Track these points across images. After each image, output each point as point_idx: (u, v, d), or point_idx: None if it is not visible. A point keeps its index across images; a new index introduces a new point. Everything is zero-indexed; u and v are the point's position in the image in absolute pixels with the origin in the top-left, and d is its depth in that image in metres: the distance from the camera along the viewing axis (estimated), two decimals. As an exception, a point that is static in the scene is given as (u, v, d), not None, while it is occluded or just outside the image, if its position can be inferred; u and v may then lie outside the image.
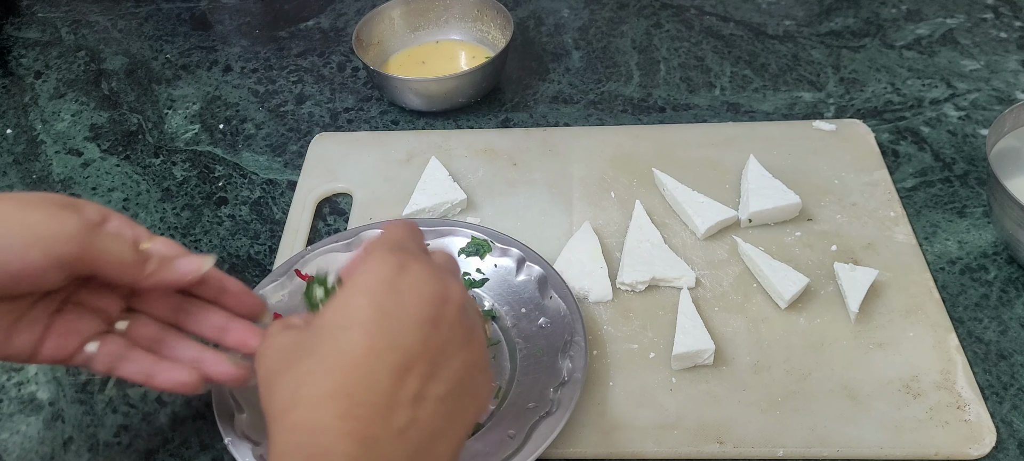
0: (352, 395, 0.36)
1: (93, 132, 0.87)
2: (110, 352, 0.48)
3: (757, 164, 0.73)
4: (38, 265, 0.41)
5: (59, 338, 0.46)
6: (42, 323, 0.46)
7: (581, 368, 0.57)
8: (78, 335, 0.47)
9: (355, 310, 0.38)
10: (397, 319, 0.38)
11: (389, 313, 0.38)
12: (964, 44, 0.91)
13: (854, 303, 0.62)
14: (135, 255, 0.46)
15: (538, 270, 0.64)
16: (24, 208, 0.42)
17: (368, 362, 0.37)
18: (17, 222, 0.41)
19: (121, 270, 0.45)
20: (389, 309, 0.38)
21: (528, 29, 0.98)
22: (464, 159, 0.79)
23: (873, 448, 0.55)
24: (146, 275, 0.46)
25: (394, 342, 0.38)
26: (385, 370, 0.37)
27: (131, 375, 0.48)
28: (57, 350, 0.46)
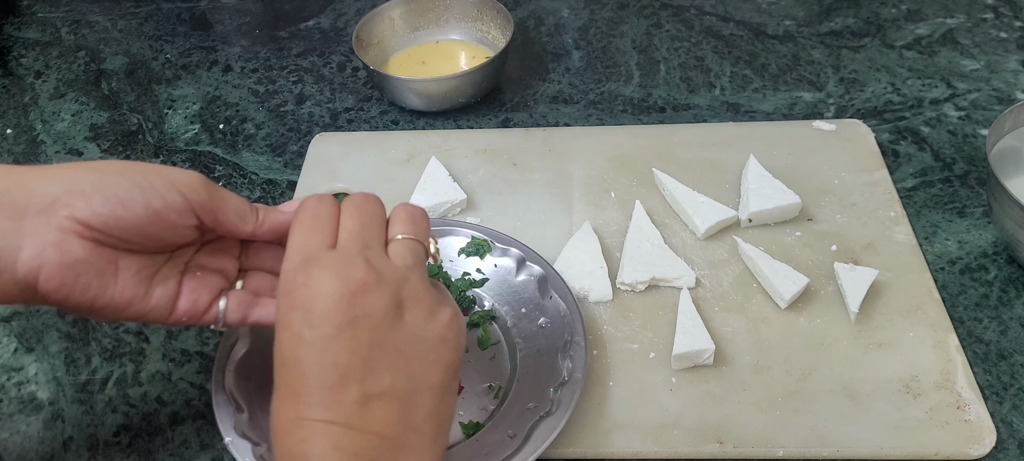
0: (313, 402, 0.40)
1: (93, 132, 0.87)
2: (239, 303, 0.51)
3: (757, 164, 0.73)
4: (179, 205, 0.45)
5: (191, 295, 0.49)
6: (175, 280, 0.49)
7: (581, 368, 0.57)
8: (208, 291, 0.50)
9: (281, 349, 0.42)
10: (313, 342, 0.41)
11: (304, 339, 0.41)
12: (964, 44, 0.91)
13: (854, 303, 0.62)
14: (248, 206, 0.49)
15: (538, 270, 0.64)
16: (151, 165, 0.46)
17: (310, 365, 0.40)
18: (154, 172, 0.45)
19: (239, 218, 0.49)
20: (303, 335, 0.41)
21: (528, 29, 0.98)
22: (464, 159, 0.79)
23: (873, 448, 0.55)
24: (259, 222, 0.49)
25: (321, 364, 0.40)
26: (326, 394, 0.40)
27: (263, 318, 0.51)
28: (192, 306, 0.49)
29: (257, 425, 0.56)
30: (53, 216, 0.43)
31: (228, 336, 0.60)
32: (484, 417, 0.57)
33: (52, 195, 0.43)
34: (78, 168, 0.45)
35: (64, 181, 0.44)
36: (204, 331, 0.66)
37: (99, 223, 0.44)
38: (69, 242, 0.43)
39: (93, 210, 0.43)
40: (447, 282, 0.65)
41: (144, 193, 0.44)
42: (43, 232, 0.43)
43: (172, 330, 0.66)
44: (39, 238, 0.43)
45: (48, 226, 0.43)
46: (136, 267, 0.47)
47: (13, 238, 0.43)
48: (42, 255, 0.43)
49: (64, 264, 0.43)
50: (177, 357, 0.65)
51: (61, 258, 0.43)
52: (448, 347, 0.44)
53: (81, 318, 0.68)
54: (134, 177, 0.45)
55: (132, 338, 0.66)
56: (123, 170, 0.45)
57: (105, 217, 0.44)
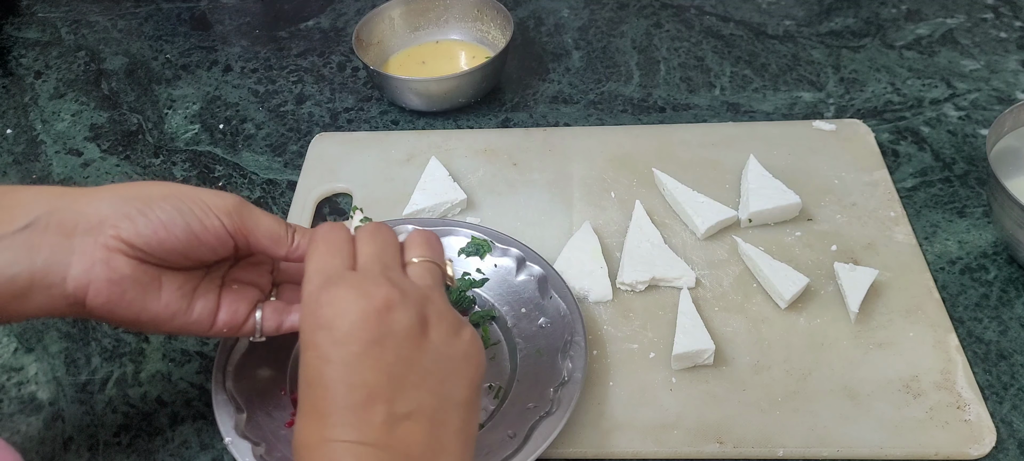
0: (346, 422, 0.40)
1: (93, 132, 0.87)
2: (274, 311, 0.53)
3: (757, 164, 0.73)
4: (217, 229, 0.48)
5: (230, 306, 0.51)
6: (214, 294, 0.51)
7: (581, 368, 0.57)
8: (247, 303, 0.52)
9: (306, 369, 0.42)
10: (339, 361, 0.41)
11: (330, 359, 0.41)
12: (964, 44, 0.91)
13: (854, 303, 0.62)
14: (284, 229, 0.51)
15: (538, 270, 0.64)
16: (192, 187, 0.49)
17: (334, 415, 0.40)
18: (195, 196, 0.48)
19: (274, 242, 0.50)
20: (329, 354, 0.41)
21: (528, 29, 0.98)
22: (464, 159, 0.79)
23: (873, 448, 0.55)
24: (293, 247, 0.51)
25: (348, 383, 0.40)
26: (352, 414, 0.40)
27: (294, 325, 0.53)
28: (231, 317, 0.51)
29: (257, 425, 0.56)
30: (100, 235, 0.46)
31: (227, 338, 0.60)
32: (484, 417, 0.57)
33: (100, 216, 0.46)
34: (124, 190, 0.47)
35: (111, 202, 0.46)
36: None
37: (143, 243, 0.46)
38: (115, 260, 0.46)
39: (138, 231, 0.46)
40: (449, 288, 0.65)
41: (185, 217, 0.47)
42: (91, 250, 0.46)
43: (172, 330, 0.66)
44: (87, 256, 0.46)
45: (96, 244, 0.46)
46: (178, 283, 0.49)
47: (63, 255, 0.45)
48: (90, 271, 0.46)
49: (111, 280, 0.46)
50: (177, 357, 0.65)
51: (108, 275, 0.46)
52: (472, 364, 0.44)
53: (81, 319, 0.68)
54: (176, 202, 0.47)
55: (132, 338, 0.66)
56: (166, 194, 0.47)
57: (149, 238, 0.46)
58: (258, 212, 0.50)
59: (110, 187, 0.48)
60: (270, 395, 0.58)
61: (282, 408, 0.58)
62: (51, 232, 0.45)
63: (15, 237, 0.44)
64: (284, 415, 0.57)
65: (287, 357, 0.61)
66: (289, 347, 0.62)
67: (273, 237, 0.50)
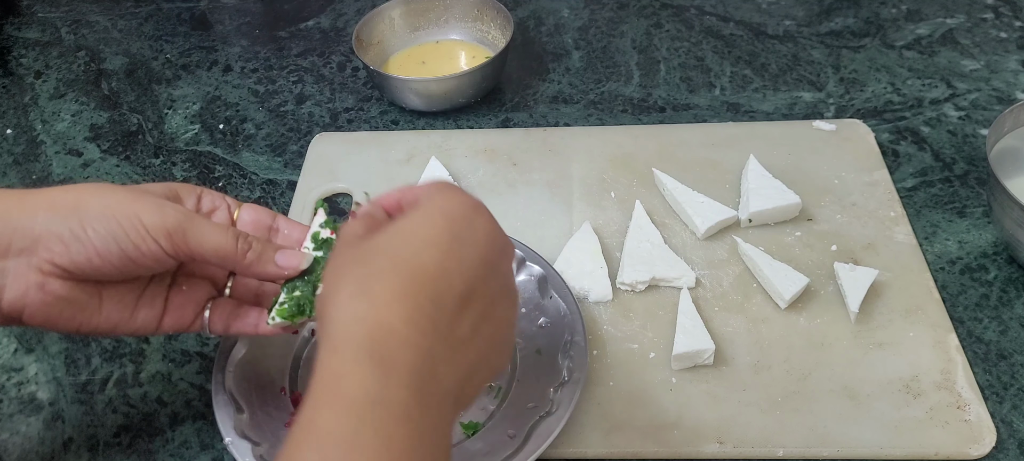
0: (420, 306, 0.37)
1: (93, 132, 0.87)
2: (221, 314, 0.51)
3: (757, 164, 0.73)
4: (155, 252, 0.46)
5: (177, 310, 0.50)
6: (161, 297, 0.50)
7: (581, 368, 0.57)
8: (194, 304, 0.51)
9: (434, 229, 0.39)
10: (468, 251, 0.39)
11: (464, 243, 0.39)
12: (964, 44, 0.91)
13: (854, 303, 0.62)
14: (234, 244, 0.48)
15: (538, 270, 0.64)
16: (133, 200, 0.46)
17: (438, 281, 0.38)
18: (132, 217, 0.45)
19: (221, 259, 0.48)
20: (464, 239, 0.39)
21: (528, 29, 0.98)
22: (464, 159, 0.78)
23: (873, 448, 0.55)
24: (246, 265, 0.48)
25: (462, 270, 0.39)
26: (451, 294, 0.38)
27: (242, 329, 0.52)
28: (177, 321, 0.50)
29: (257, 425, 0.56)
30: (34, 256, 0.44)
31: (228, 336, 0.60)
32: (484, 417, 0.57)
33: (33, 235, 0.44)
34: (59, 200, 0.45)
35: (45, 220, 0.44)
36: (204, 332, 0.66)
37: (76, 269, 0.45)
38: (50, 283, 0.45)
39: (71, 259, 0.44)
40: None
41: (119, 242, 0.45)
42: (24, 272, 0.44)
43: (172, 330, 0.66)
44: (21, 278, 0.44)
45: (29, 267, 0.44)
46: (119, 295, 0.48)
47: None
48: (25, 296, 0.45)
49: (46, 302, 0.45)
50: (177, 357, 0.65)
51: (43, 298, 0.45)
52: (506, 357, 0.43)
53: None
54: (110, 223, 0.45)
55: (132, 338, 0.66)
56: (102, 212, 0.45)
57: (82, 265, 0.45)
58: (205, 227, 0.47)
59: (49, 195, 0.45)
60: (270, 395, 0.58)
61: (282, 408, 0.58)
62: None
63: None
64: (284, 415, 0.57)
65: (287, 357, 0.61)
66: (289, 347, 0.62)
67: (221, 255, 0.47)
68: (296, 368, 0.61)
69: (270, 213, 0.53)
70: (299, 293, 0.49)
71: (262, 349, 0.61)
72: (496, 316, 0.41)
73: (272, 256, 0.49)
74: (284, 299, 0.49)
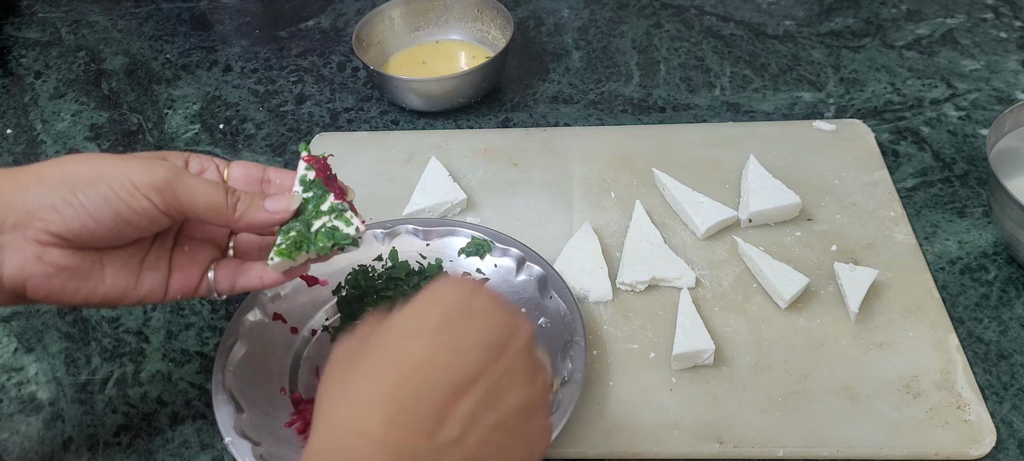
0: (401, 402, 0.36)
1: (93, 132, 0.87)
2: (226, 273, 0.51)
3: (757, 164, 0.73)
4: (147, 209, 0.46)
5: (182, 272, 0.50)
6: (165, 261, 0.50)
7: (581, 368, 0.57)
8: (199, 265, 0.51)
9: (424, 319, 0.39)
10: (463, 336, 0.38)
11: (457, 329, 0.38)
12: (964, 44, 0.91)
13: (854, 303, 0.62)
14: (224, 198, 0.48)
15: (538, 270, 0.64)
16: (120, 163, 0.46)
17: (424, 372, 0.37)
18: (120, 177, 0.45)
19: (213, 213, 0.48)
20: (457, 325, 0.38)
21: (528, 29, 0.98)
22: (464, 159, 0.78)
23: (873, 448, 0.55)
24: (237, 217, 0.49)
25: (455, 358, 0.37)
26: (440, 385, 0.37)
27: (248, 284, 0.51)
28: (184, 284, 0.50)
29: (257, 425, 0.56)
30: (29, 229, 0.44)
31: (228, 336, 0.60)
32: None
33: (26, 208, 0.44)
34: (50, 172, 0.45)
35: (37, 192, 0.44)
36: (204, 331, 0.66)
37: (71, 235, 0.45)
38: (49, 253, 0.45)
39: (66, 225, 0.44)
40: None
41: (111, 204, 0.45)
42: (22, 245, 0.45)
43: (172, 330, 0.66)
44: (19, 252, 0.45)
45: (26, 239, 0.44)
46: (121, 261, 0.48)
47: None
48: (25, 268, 0.45)
49: (48, 274, 0.45)
50: (177, 357, 0.65)
51: (44, 270, 0.45)
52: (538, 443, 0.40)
53: (81, 319, 0.68)
54: (100, 186, 0.45)
55: (132, 338, 0.66)
56: (91, 177, 0.45)
57: (78, 230, 0.45)
58: (194, 182, 0.47)
59: (37, 170, 0.45)
60: (270, 395, 0.58)
61: (282, 408, 0.58)
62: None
63: None
64: (284, 415, 0.57)
65: (287, 357, 0.61)
66: (289, 347, 0.62)
67: (211, 208, 0.48)
68: (296, 368, 0.61)
69: (260, 167, 0.53)
70: (294, 233, 0.50)
71: (262, 349, 0.61)
72: (505, 403, 0.38)
73: (261, 203, 0.49)
74: (280, 240, 0.50)
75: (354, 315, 0.64)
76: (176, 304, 0.68)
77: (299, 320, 0.64)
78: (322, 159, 0.54)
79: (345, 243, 0.50)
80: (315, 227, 0.51)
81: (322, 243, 0.50)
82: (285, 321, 0.63)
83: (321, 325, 0.64)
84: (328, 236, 0.50)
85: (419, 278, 0.66)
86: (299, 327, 0.63)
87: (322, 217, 0.51)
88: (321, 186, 0.52)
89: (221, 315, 0.68)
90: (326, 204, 0.51)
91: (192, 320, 0.67)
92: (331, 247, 0.50)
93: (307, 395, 0.59)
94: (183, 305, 0.68)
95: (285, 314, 0.63)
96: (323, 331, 0.64)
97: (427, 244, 0.68)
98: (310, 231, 0.50)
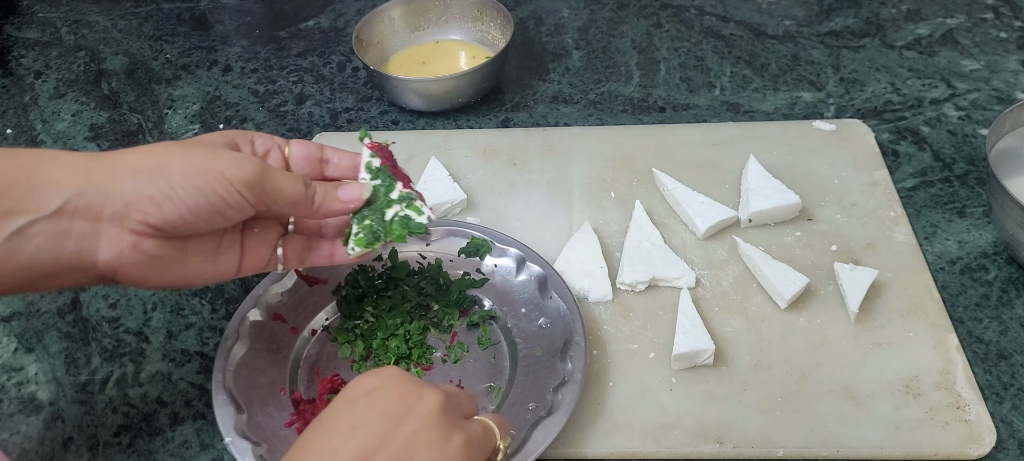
0: None
1: (93, 132, 0.87)
2: (294, 250, 0.55)
3: (757, 164, 0.73)
4: (239, 203, 0.48)
5: (254, 252, 0.53)
6: (238, 242, 0.52)
7: (581, 368, 0.57)
8: (268, 244, 0.54)
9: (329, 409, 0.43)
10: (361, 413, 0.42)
11: (356, 408, 0.42)
12: (964, 44, 0.91)
13: (854, 303, 0.62)
14: (305, 191, 0.51)
15: (538, 270, 0.64)
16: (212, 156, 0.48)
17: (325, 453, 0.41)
18: (216, 172, 0.47)
19: (294, 206, 0.51)
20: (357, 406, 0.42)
21: (528, 29, 0.98)
22: (464, 159, 0.79)
23: (873, 448, 0.55)
24: (315, 209, 0.52)
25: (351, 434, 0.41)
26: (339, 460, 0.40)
27: (317, 260, 0.55)
28: (255, 262, 0.53)
29: (257, 425, 0.56)
30: (127, 219, 0.46)
31: (228, 336, 0.60)
32: (484, 417, 0.57)
33: (125, 199, 0.46)
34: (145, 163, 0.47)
35: (135, 184, 0.46)
36: (204, 331, 0.66)
37: (169, 227, 0.47)
38: (143, 243, 0.47)
39: (165, 218, 0.46)
40: (447, 282, 0.65)
41: (207, 197, 0.47)
42: (118, 235, 0.46)
43: (172, 330, 0.66)
44: (115, 241, 0.46)
45: (122, 229, 0.46)
46: (203, 246, 0.50)
47: (91, 241, 0.46)
48: (119, 257, 0.47)
49: (140, 262, 0.47)
50: (177, 357, 0.65)
51: (137, 258, 0.47)
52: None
53: (81, 319, 0.68)
54: (197, 180, 0.47)
55: (132, 338, 0.66)
56: (187, 171, 0.47)
57: (175, 222, 0.47)
58: (279, 177, 0.50)
59: (130, 158, 0.47)
60: (270, 395, 0.58)
61: (282, 408, 0.58)
62: (79, 217, 0.45)
63: (46, 222, 0.45)
64: (284, 415, 0.57)
65: (287, 357, 0.61)
66: (289, 347, 0.62)
67: (295, 202, 0.51)
68: (296, 368, 0.61)
69: (317, 146, 0.56)
70: (369, 222, 0.53)
71: (262, 349, 0.61)
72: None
73: (335, 194, 0.53)
74: (357, 230, 0.53)
75: (354, 315, 0.64)
76: (176, 304, 0.68)
77: (299, 320, 0.64)
78: (386, 146, 0.56)
79: (418, 231, 0.53)
80: (389, 216, 0.53)
81: (397, 232, 0.53)
82: (285, 321, 0.63)
83: (321, 325, 0.64)
84: (402, 225, 0.53)
85: (419, 278, 0.66)
86: (299, 327, 0.63)
87: (393, 206, 0.54)
88: (388, 174, 0.55)
89: (221, 315, 0.68)
90: (395, 192, 0.54)
91: (192, 320, 0.67)
92: (406, 235, 0.53)
93: (307, 395, 0.59)
94: (183, 305, 0.68)
95: (285, 314, 0.63)
96: (323, 331, 0.64)
97: (427, 244, 0.68)
98: (385, 220, 0.53)
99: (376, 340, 0.62)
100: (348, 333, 0.63)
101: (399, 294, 0.65)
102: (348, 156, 0.56)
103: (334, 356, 0.62)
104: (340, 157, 0.56)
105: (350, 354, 0.62)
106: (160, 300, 0.69)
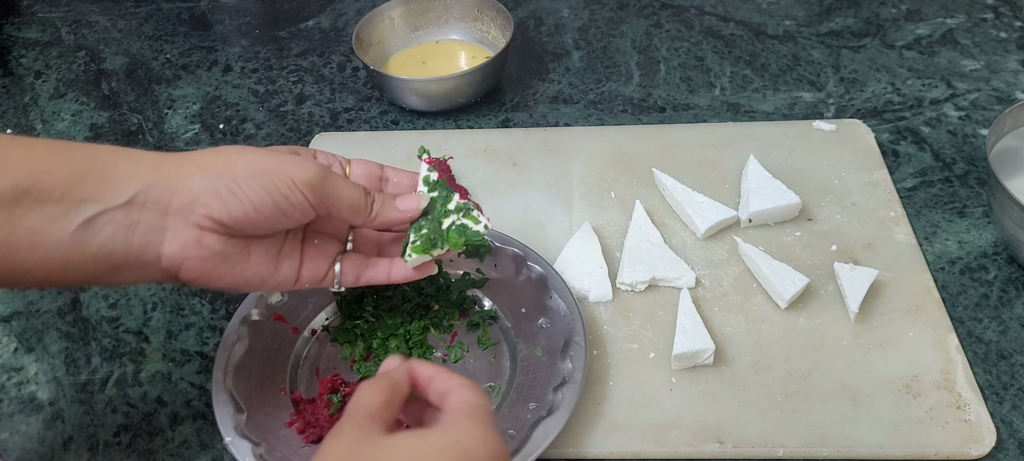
0: None
1: (93, 132, 0.87)
2: (352, 266, 0.55)
3: (757, 164, 0.73)
4: (301, 203, 0.49)
5: (313, 263, 0.54)
6: (297, 252, 0.53)
7: (581, 368, 0.57)
8: (327, 257, 0.54)
9: None
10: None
11: None
12: (964, 44, 0.91)
13: (854, 303, 0.62)
14: (364, 198, 0.52)
15: (538, 270, 0.64)
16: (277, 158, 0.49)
17: None
18: (280, 172, 0.48)
19: (353, 211, 0.52)
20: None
21: (528, 29, 0.98)
22: (464, 159, 0.79)
23: (873, 448, 0.55)
24: (373, 216, 0.53)
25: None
26: None
27: (374, 278, 0.55)
28: (313, 273, 0.54)
29: (257, 425, 0.56)
30: (193, 214, 0.47)
31: (228, 336, 0.60)
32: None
33: (192, 194, 0.47)
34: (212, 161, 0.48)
35: (202, 180, 0.47)
36: (204, 331, 0.66)
37: (233, 222, 0.48)
38: (207, 238, 0.48)
39: (229, 213, 0.47)
40: (447, 282, 0.65)
41: (272, 196, 0.48)
42: (184, 229, 0.47)
43: (172, 330, 0.66)
44: (181, 235, 0.47)
45: (188, 224, 0.47)
46: (264, 249, 0.51)
47: (157, 234, 0.47)
48: (184, 251, 0.47)
49: (203, 257, 0.48)
50: (177, 357, 0.65)
51: (201, 253, 0.48)
52: None
53: (81, 319, 0.68)
54: (263, 179, 0.48)
55: (132, 338, 0.66)
56: (253, 171, 0.48)
57: (239, 218, 0.48)
58: (339, 183, 0.51)
59: (199, 158, 0.48)
60: (270, 395, 0.58)
61: (282, 408, 0.58)
62: (148, 209, 0.46)
63: (116, 212, 0.46)
64: (284, 415, 0.57)
65: (287, 357, 0.61)
66: (289, 347, 0.62)
67: (354, 208, 0.52)
68: (296, 368, 0.61)
69: (378, 165, 0.58)
70: (426, 230, 0.54)
71: (262, 349, 0.61)
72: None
73: (393, 203, 0.54)
74: (414, 238, 0.54)
75: (354, 315, 0.64)
76: (176, 304, 0.68)
77: (299, 320, 0.64)
78: (444, 161, 0.58)
79: (475, 240, 0.54)
80: (446, 225, 0.54)
81: (454, 239, 0.54)
82: (285, 321, 0.63)
83: (321, 325, 0.64)
84: (459, 233, 0.54)
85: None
86: (299, 327, 0.63)
87: (450, 216, 0.55)
88: (445, 186, 0.56)
89: (221, 315, 0.68)
90: (452, 203, 0.55)
91: (192, 320, 0.67)
92: (463, 243, 0.54)
93: (307, 395, 0.59)
94: (183, 305, 0.68)
95: (285, 314, 0.63)
96: (323, 331, 0.64)
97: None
98: (442, 229, 0.54)
99: (376, 340, 0.62)
100: (348, 333, 0.63)
101: (399, 294, 0.65)
102: (407, 175, 0.58)
103: (334, 356, 0.62)
104: (399, 176, 0.58)
105: (350, 354, 0.62)
106: (160, 300, 0.69)
